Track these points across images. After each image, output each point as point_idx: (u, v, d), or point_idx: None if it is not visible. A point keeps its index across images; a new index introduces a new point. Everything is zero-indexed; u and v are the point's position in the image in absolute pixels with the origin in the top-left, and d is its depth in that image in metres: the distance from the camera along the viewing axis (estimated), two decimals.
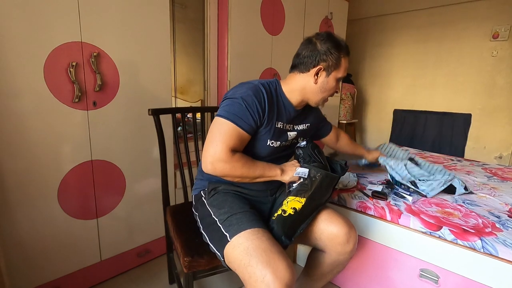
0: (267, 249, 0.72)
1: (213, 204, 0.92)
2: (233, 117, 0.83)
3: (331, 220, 0.93)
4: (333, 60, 0.91)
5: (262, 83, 0.93)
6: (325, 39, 0.92)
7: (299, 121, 1.03)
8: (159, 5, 1.39)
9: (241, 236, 0.76)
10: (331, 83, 0.94)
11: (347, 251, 0.93)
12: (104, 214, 1.33)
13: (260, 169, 0.88)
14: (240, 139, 0.85)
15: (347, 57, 0.94)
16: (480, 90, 2.85)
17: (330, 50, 0.90)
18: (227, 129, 0.82)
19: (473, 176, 1.72)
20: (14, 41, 0.99)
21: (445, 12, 2.96)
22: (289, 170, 0.92)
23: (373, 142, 3.72)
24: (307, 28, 2.39)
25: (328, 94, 0.97)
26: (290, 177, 0.91)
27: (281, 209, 0.87)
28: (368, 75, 3.64)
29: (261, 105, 0.87)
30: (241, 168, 0.84)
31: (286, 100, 0.96)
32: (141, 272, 1.48)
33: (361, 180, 1.54)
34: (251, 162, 0.87)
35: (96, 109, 1.23)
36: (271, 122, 0.91)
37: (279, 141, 0.96)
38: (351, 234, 0.92)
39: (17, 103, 1.02)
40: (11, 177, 1.04)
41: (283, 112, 0.96)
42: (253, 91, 0.87)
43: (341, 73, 0.94)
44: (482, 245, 0.99)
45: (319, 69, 0.92)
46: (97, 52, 1.18)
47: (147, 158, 1.45)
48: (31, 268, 1.13)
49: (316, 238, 0.94)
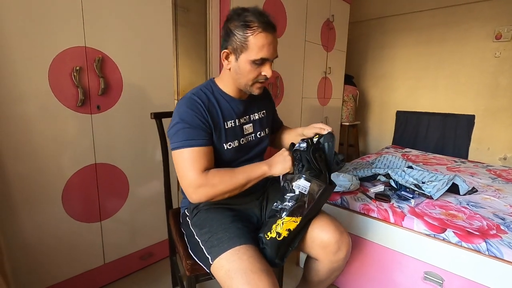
0: (247, 270, 0.70)
1: (196, 224, 0.90)
2: (184, 143, 0.80)
3: (322, 227, 0.90)
4: (237, 41, 0.80)
5: (196, 91, 0.88)
6: (232, 18, 0.81)
7: (252, 111, 0.97)
8: (162, 9, 1.40)
9: (222, 258, 0.75)
10: (243, 67, 0.82)
11: (340, 258, 0.91)
12: (108, 217, 1.33)
13: (242, 173, 0.82)
14: (204, 155, 0.81)
15: (263, 33, 0.79)
16: (483, 91, 2.84)
17: (234, 31, 0.80)
18: (187, 156, 0.79)
19: (477, 178, 1.71)
20: (19, 46, 1.01)
21: (447, 13, 2.96)
22: (277, 161, 0.84)
23: (376, 143, 3.71)
24: (308, 30, 2.40)
25: (249, 78, 0.84)
26: (281, 169, 0.83)
27: (275, 232, 0.82)
28: (370, 77, 3.64)
29: (202, 114, 0.83)
30: (221, 183, 0.79)
31: (227, 96, 0.91)
32: (144, 275, 1.48)
33: (363, 182, 1.53)
34: (230, 171, 0.82)
35: (100, 112, 1.24)
36: (218, 126, 0.87)
37: (236, 139, 0.92)
38: (343, 241, 0.89)
39: (22, 107, 1.04)
40: (16, 180, 1.05)
41: (230, 110, 0.90)
42: (188, 106, 0.83)
43: (253, 55, 0.80)
44: (487, 247, 0.98)
45: (227, 54, 0.84)
46: (100, 56, 1.20)
47: (150, 161, 1.46)
48: (35, 271, 1.14)
49: (308, 246, 0.92)
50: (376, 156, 2.00)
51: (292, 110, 2.41)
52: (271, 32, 0.81)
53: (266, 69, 0.84)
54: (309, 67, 2.50)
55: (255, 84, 0.87)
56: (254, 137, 0.98)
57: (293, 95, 2.38)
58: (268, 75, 0.85)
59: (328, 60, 2.75)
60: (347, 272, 1.33)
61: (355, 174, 1.55)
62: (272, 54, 0.83)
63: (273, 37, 0.82)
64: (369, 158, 2.07)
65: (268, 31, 0.80)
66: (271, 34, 0.81)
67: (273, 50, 0.83)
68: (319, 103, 2.75)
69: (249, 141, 0.97)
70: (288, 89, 2.28)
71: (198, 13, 1.86)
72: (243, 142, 0.94)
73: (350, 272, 1.33)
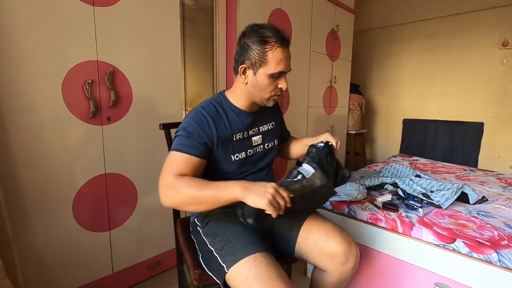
0: (266, 276, 0.71)
1: (208, 233, 0.90)
2: (178, 146, 0.82)
3: (329, 237, 0.89)
4: (256, 56, 0.83)
5: (205, 104, 0.91)
6: (249, 34, 0.84)
7: (261, 123, 0.99)
8: (170, 22, 1.45)
9: (239, 265, 0.75)
10: (261, 81, 0.85)
11: (348, 269, 0.90)
12: (116, 226, 1.35)
13: (212, 188, 0.73)
14: (189, 164, 0.81)
15: (280, 48, 0.83)
16: (491, 99, 2.81)
17: (252, 46, 0.83)
18: (172, 158, 0.81)
19: (488, 187, 1.68)
20: (35, 60, 1.05)
21: (453, 21, 2.97)
22: (256, 191, 0.69)
23: (383, 152, 3.69)
24: (313, 41, 2.43)
25: (266, 92, 0.88)
26: (255, 202, 0.69)
27: None
28: (376, 85, 3.64)
29: (205, 129, 0.85)
30: (188, 190, 0.74)
31: (237, 109, 0.93)
32: (151, 284, 1.48)
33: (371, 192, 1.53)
34: (202, 182, 0.75)
35: (110, 124, 1.27)
36: (226, 138, 0.88)
37: (243, 151, 0.93)
38: (351, 252, 0.89)
39: (36, 118, 1.07)
40: (29, 190, 1.08)
41: (239, 122, 0.92)
42: (194, 120, 0.85)
43: (271, 68, 0.83)
44: (498, 258, 0.96)
45: (244, 69, 0.87)
46: (111, 70, 1.24)
47: (158, 171, 1.46)
48: (45, 279, 1.15)
49: (316, 257, 0.91)
50: (383, 165, 1.99)
51: (298, 119, 2.43)
52: (287, 47, 0.86)
53: (282, 82, 0.88)
54: (315, 77, 2.52)
55: (271, 97, 0.90)
56: (262, 149, 1.00)
57: (299, 105, 2.40)
58: (284, 88, 0.89)
59: (333, 69, 2.77)
60: (355, 283, 1.31)
61: (362, 183, 1.54)
62: (288, 67, 0.88)
63: (288, 51, 0.87)
64: (376, 167, 2.06)
65: (284, 46, 0.85)
66: (287, 48, 0.86)
67: (289, 63, 0.88)
68: (325, 112, 2.76)
69: (256, 152, 0.98)
70: (294, 99, 2.30)
71: (205, 25, 1.91)
72: (250, 154, 0.96)
73: (358, 283, 1.31)
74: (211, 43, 1.88)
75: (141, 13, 1.32)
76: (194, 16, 2.07)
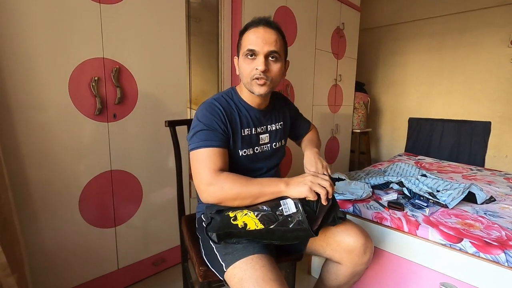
0: (259, 279, 0.71)
1: None
2: (201, 143, 0.83)
3: (347, 231, 0.92)
4: (238, 45, 0.90)
5: (217, 97, 0.92)
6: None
7: (270, 121, 1.00)
8: (176, 20, 1.45)
9: (235, 266, 0.76)
10: (241, 64, 0.89)
11: (364, 262, 0.92)
12: (122, 223, 1.36)
13: (257, 184, 0.78)
14: (219, 156, 0.83)
15: (254, 28, 0.85)
16: (499, 98, 2.77)
17: (239, 38, 0.90)
18: (202, 156, 0.82)
19: (495, 186, 1.66)
20: (42, 58, 1.06)
21: (459, 19, 2.92)
22: (297, 183, 0.78)
23: (388, 151, 3.66)
24: (319, 39, 2.41)
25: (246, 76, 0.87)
26: (297, 192, 0.76)
27: (234, 214, 0.75)
28: (382, 84, 3.61)
29: (221, 118, 0.87)
30: (231, 187, 0.77)
31: (246, 104, 0.94)
32: (156, 281, 1.49)
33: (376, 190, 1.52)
34: (244, 179, 0.79)
35: (116, 121, 1.28)
36: (236, 132, 0.90)
37: (251, 147, 0.94)
38: (368, 245, 0.91)
39: (43, 115, 1.08)
40: (36, 187, 1.09)
41: (248, 117, 0.93)
42: (208, 110, 0.87)
43: (245, 47, 0.85)
44: (506, 258, 0.95)
45: (235, 60, 0.93)
46: (117, 67, 1.24)
47: (163, 168, 1.49)
48: (52, 275, 1.17)
49: (333, 249, 0.93)
50: (389, 164, 1.97)
51: None
52: (262, 27, 0.85)
53: (258, 62, 0.84)
54: (320, 75, 2.51)
55: (253, 81, 0.86)
56: (269, 148, 1.00)
57: (304, 103, 2.39)
58: (260, 68, 0.83)
59: (338, 67, 2.75)
60: (360, 282, 1.31)
61: (367, 182, 1.53)
62: (261, 46, 0.83)
63: (264, 31, 0.84)
64: (381, 165, 2.05)
65: (259, 26, 0.85)
66: (262, 28, 0.85)
67: (262, 43, 0.83)
68: (329, 110, 2.74)
69: (264, 151, 0.98)
70: (298, 97, 2.29)
71: (210, 23, 1.91)
72: (257, 151, 0.96)
73: (364, 282, 1.30)
74: (216, 41, 1.88)
75: (147, 11, 1.32)
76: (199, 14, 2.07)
